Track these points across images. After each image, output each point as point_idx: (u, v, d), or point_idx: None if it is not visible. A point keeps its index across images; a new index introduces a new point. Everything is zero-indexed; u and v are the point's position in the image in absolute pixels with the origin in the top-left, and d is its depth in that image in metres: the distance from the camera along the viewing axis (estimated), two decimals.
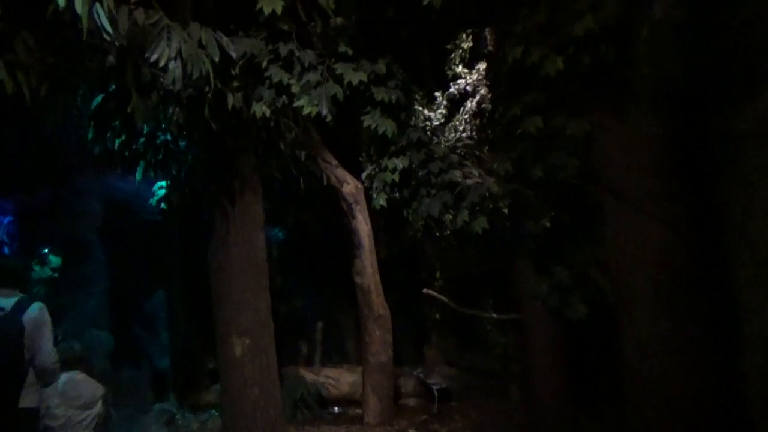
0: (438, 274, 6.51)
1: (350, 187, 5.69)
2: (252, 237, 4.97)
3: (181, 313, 7.36)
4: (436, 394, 6.05)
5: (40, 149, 6.54)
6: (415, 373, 6.31)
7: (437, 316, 6.61)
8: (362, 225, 5.72)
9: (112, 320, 7.40)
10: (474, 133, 5.08)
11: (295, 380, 6.32)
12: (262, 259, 5.00)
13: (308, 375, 6.52)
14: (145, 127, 4.56)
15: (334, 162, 5.73)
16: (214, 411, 6.01)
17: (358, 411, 6.20)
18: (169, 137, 4.69)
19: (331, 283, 7.25)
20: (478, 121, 5.02)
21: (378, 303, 5.62)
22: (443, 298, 5.76)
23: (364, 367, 5.61)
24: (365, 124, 4.26)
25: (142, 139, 4.63)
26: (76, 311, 7.05)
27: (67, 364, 3.96)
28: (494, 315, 5.53)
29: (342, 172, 5.71)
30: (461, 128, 5.20)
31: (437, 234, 6.40)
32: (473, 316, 5.93)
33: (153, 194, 7.12)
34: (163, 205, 7.02)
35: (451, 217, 4.76)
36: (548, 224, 4.48)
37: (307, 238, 7.30)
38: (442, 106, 5.40)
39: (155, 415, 6.14)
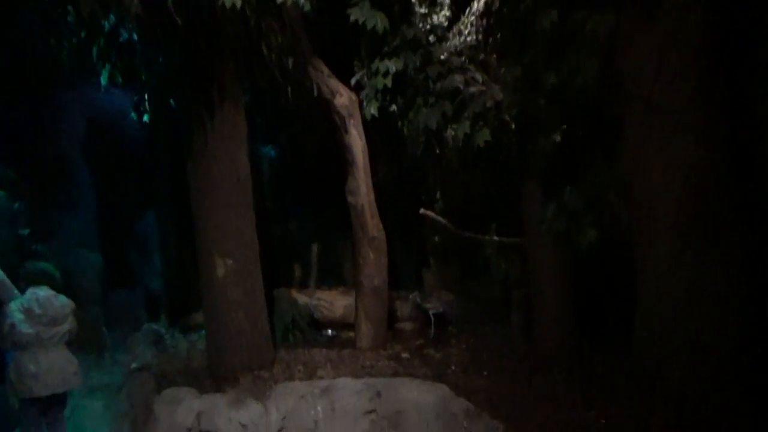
0: (438, 196, 6.10)
1: (343, 99, 5.17)
2: (233, 152, 4.56)
3: (172, 234, 7.08)
4: (432, 318, 5.83)
5: (12, 63, 6.06)
6: (411, 296, 6.05)
7: (436, 239, 6.26)
8: (356, 140, 5.26)
9: (102, 242, 7.17)
10: (480, 36, 4.48)
11: (287, 303, 6.10)
12: (245, 175, 4.62)
13: (301, 298, 6.30)
14: (106, 24, 4.06)
15: (326, 71, 5.18)
16: (204, 332, 5.84)
17: (352, 334, 6.02)
18: (135, 36, 4.18)
19: (326, 204, 6.88)
20: (484, 21, 4.40)
21: (372, 224, 5.27)
22: (442, 220, 5.38)
23: (358, 290, 5.34)
24: (352, 17, 3.70)
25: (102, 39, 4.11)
26: (63, 232, 6.80)
27: (31, 281, 3.73)
28: (496, 239, 5.16)
29: (334, 83, 5.17)
30: (466, 31, 4.60)
31: (437, 152, 5.95)
32: (474, 240, 5.57)
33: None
34: (145, 118, 6.61)
35: (452, 132, 4.29)
36: (559, 139, 4.00)
37: (300, 157, 6.86)
38: (446, 7, 4.77)
39: (144, 335, 6.00)
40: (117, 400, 5.05)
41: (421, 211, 5.41)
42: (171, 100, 5.53)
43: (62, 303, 3.77)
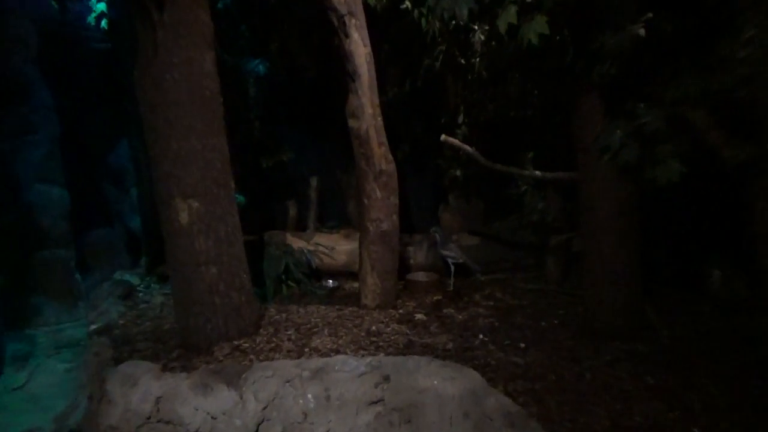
0: (461, 119, 4.95)
1: None
2: (194, 59, 3.43)
3: (146, 165, 6.04)
4: (452, 268, 4.86)
5: None
6: (432, 230, 5.00)
7: (458, 173, 5.17)
8: (358, 47, 4.08)
9: (69, 175, 6.17)
10: None
11: (279, 249, 5.15)
12: (213, 90, 3.51)
13: (297, 242, 5.34)
14: None
15: None
16: None
17: (356, 285, 5.11)
18: None
19: (327, 130, 5.77)
20: None
21: (380, 155, 4.19)
22: (469, 149, 4.26)
23: (362, 236, 4.35)
24: None
25: None
26: (18, 162, 5.80)
27: None
28: (538, 173, 4.06)
29: None
30: None
31: (462, 62, 4.74)
32: (505, 175, 4.48)
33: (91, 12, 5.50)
34: (103, 24, 5.45)
35: (486, 26, 3.10)
36: (642, 32, 2.81)
37: (295, 72, 5.66)
38: None
39: (111, 286, 5.12)
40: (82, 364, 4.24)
41: (443, 138, 4.28)
42: None
43: None
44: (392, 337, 3.71)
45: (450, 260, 4.88)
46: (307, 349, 3.55)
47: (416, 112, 5.51)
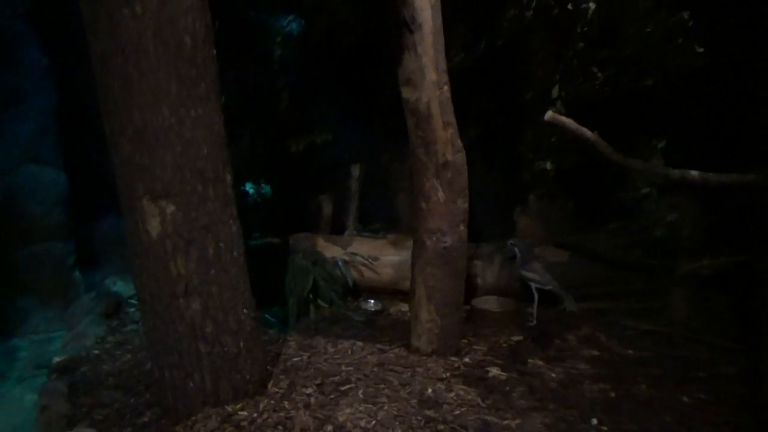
0: (556, 93, 3.60)
1: None
2: None
3: None
4: (536, 295, 3.59)
5: None
6: (510, 243, 3.76)
7: (547, 166, 3.83)
8: None
9: (67, 153, 5.21)
10: None
11: (308, 258, 3.98)
12: (198, 35, 2.34)
13: (330, 249, 4.17)
14: None
15: None
16: None
17: (406, 310, 3.90)
18: None
19: (374, 105, 4.53)
20: None
21: (444, 140, 2.92)
22: (588, 132, 2.85)
23: (416, 252, 3.11)
24: None
25: None
26: (5, 139, 4.86)
27: None
28: (695, 174, 2.65)
29: None
30: None
31: (556, 10, 3.39)
32: (624, 172, 3.14)
33: None
34: None
35: None
36: None
37: (336, 30, 4.42)
38: None
39: (92, 301, 4.10)
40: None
41: (550, 115, 2.91)
42: None
43: None
44: (457, 413, 2.49)
45: (534, 285, 3.60)
46: (330, 427, 2.37)
47: (488, 84, 4.18)
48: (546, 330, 3.46)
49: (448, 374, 2.89)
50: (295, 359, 3.11)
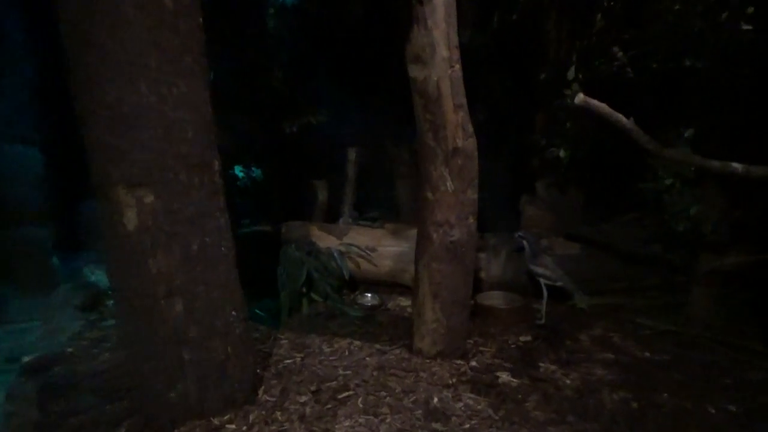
0: (572, 74, 3.32)
1: None
2: None
3: None
4: (544, 291, 3.36)
5: None
6: (517, 235, 3.53)
7: (561, 153, 3.56)
8: None
9: (45, 132, 4.87)
10: None
11: (301, 249, 3.72)
12: (181, 1, 2.03)
13: (325, 239, 3.91)
14: None
15: None
16: None
17: (406, 305, 3.68)
18: None
19: (377, 84, 4.24)
20: None
21: (455, 124, 2.66)
22: (623, 119, 2.55)
23: (421, 246, 2.86)
24: None
25: None
26: None
27: None
28: (737, 167, 2.40)
29: None
30: None
31: None
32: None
33: None
34: None
35: None
36: None
37: (337, 3, 4.12)
38: None
39: (69, 292, 3.83)
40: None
41: (580, 98, 2.60)
42: None
43: None
44: (467, 426, 2.27)
45: (543, 281, 3.37)
46: None
47: (499, 64, 3.90)
48: (556, 329, 3.25)
49: (454, 380, 2.66)
50: (288, 361, 2.88)
